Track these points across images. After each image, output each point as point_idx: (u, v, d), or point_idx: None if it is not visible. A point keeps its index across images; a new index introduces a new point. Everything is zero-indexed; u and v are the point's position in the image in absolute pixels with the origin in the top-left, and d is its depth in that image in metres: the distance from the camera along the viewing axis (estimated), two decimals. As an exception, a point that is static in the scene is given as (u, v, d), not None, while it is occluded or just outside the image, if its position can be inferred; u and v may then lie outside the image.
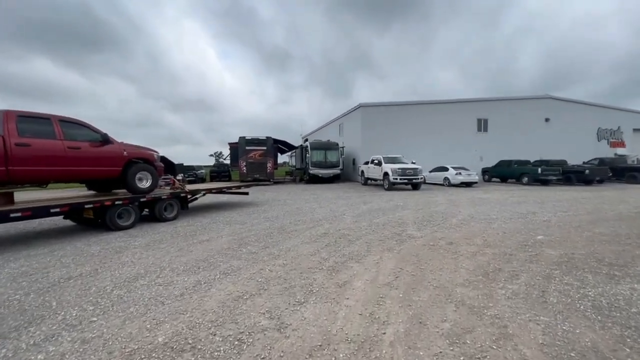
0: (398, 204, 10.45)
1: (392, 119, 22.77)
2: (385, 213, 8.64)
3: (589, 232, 6.10)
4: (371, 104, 22.61)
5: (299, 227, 6.90)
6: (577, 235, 5.84)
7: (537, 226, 6.68)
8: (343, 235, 6.10)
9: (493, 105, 25.12)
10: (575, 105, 27.24)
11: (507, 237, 5.76)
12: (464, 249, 5.02)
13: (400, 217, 8.02)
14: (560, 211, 8.67)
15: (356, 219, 7.76)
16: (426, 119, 23.61)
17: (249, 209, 9.99)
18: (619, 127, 28.38)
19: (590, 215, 8.04)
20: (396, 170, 15.24)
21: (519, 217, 7.83)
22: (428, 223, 7.14)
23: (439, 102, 24.20)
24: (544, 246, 5.10)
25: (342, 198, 12.59)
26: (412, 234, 6.12)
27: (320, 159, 21.54)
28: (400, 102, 23.35)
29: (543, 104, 26.18)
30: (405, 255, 4.69)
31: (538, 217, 7.80)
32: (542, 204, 10.10)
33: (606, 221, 7.16)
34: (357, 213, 8.72)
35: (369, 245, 5.28)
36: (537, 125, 25.89)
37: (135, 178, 7.29)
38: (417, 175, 15.41)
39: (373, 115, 22.42)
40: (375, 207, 9.91)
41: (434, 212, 8.76)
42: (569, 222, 7.06)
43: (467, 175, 17.87)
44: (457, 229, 6.45)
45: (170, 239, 5.94)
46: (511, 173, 20.76)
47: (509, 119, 25.20)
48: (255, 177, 20.41)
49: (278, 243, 5.55)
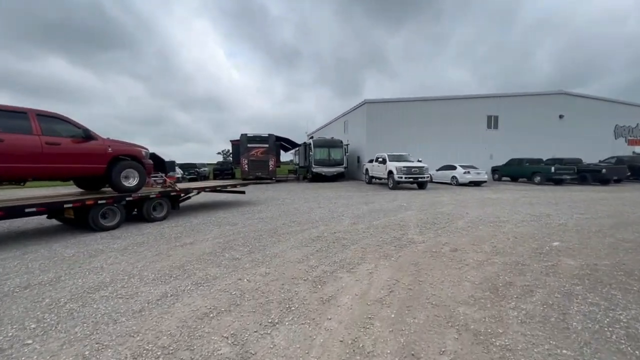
0: (401, 205, 9.90)
1: (399, 115, 22.11)
2: (387, 214, 8.12)
3: (611, 237, 5.49)
4: (377, 100, 21.99)
5: (292, 229, 6.44)
6: (598, 241, 5.24)
7: (553, 230, 6.08)
8: (338, 239, 5.61)
9: (504, 101, 24.22)
10: (591, 101, 26.11)
11: (519, 243, 5.20)
12: (470, 256, 4.48)
13: (403, 218, 7.49)
14: (577, 213, 8.01)
15: (355, 221, 7.26)
16: (434, 116, 22.88)
17: (245, 208, 9.58)
18: (637, 124, 27.15)
19: (610, 218, 7.38)
20: (401, 169, 14.65)
21: (531, 219, 7.22)
22: (432, 226, 6.60)
23: (448, 98, 23.42)
24: (561, 254, 4.53)
25: (343, 197, 12.09)
26: (413, 238, 5.60)
27: (324, 157, 21.04)
28: (406, 98, 22.67)
29: (557, 100, 25.15)
30: (403, 264, 4.19)
31: (553, 220, 7.17)
32: (556, 205, 9.43)
33: (629, 225, 6.51)
34: (356, 214, 8.22)
35: (365, 252, 4.78)
36: (550, 122, 24.90)
37: (121, 176, 6.93)
38: (423, 174, 14.79)
39: (379, 112, 21.80)
40: (376, 207, 9.39)
41: (439, 213, 8.20)
42: (588, 226, 6.44)
43: (475, 174, 17.16)
44: (463, 233, 5.90)
45: (152, 242, 5.54)
46: (522, 172, 19.93)
47: (521, 115, 24.28)
48: (257, 175, 20.05)
49: (265, 247, 5.10)
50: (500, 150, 23.58)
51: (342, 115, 27.42)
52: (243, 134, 20.00)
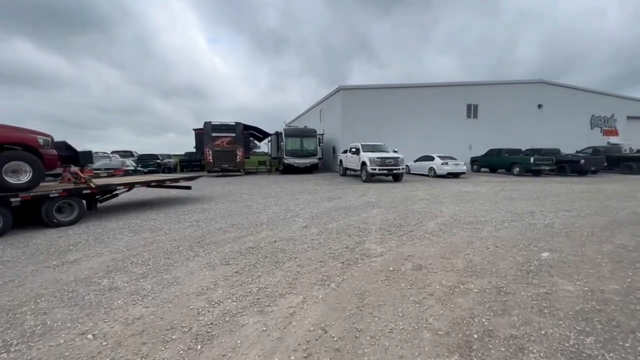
0: (370, 200, 8.75)
1: (375, 103, 20.91)
2: (350, 213, 6.93)
3: (608, 244, 4.50)
4: (352, 86, 20.68)
5: (225, 237, 5.13)
6: (596, 250, 4.23)
7: (539, 235, 5.06)
8: (275, 250, 4.35)
9: (484, 89, 23.47)
10: (569, 90, 25.82)
11: (501, 254, 4.10)
12: (438, 279, 3.33)
13: (366, 219, 6.32)
14: (563, 210, 7.10)
15: (308, 223, 6.02)
16: (412, 104, 21.84)
17: (188, 207, 8.16)
18: (612, 114, 27.18)
19: (599, 216, 6.48)
20: (374, 160, 13.51)
21: (513, 219, 6.22)
22: (397, 229, 5.45)
23: (427, 86, 22.41)
24: (554, 273, 3.45)
25: (309, 192, 10.83)
26: (370, 248, 4.42)
27: (296, 147, 19.65)
28: (383, 84, 21.48)
29: (536, 89, 24.66)
30: (343, 296, 2.98)
31: (537, 219, 6.19)
32: (539, 200, 8.54)
33: (623, 226, 5.60)
34: (314, 213, 6.98)
35: (299, 273, 3.55)
36: (529, 112, 24.44)
37: (4, 170, 5.36)
38: (398, 166, 13.73)
39: (354, 99, 20.51)
40: (341, 204, 8.19)
41: (410, 211, 7.09)
42: (578, 228, 5.47)
43: (454, 166, 16.30)
44: (433, 240, 4.77)
45: (21, 259, 4.10)
46: (501, 163, 19.31)
47: (500, 105, 23.64)
48: (223, 167, 18.48)
49: (171, 267, 3.77)
50: (479, 140, 22.93)
51: (317, 103, 25.97)
52: (207, 122, 18.25)
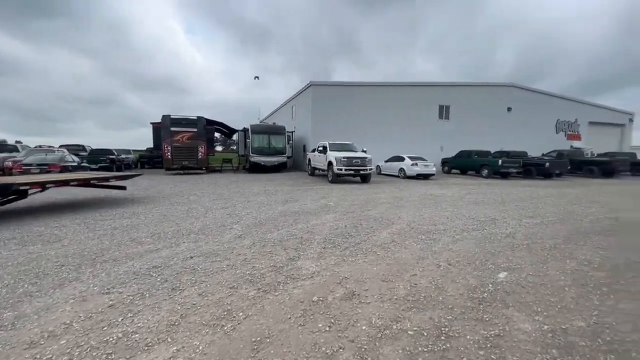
0: (328, 204, 8.03)
1: (347, 101, 20.30)
2: (299, 220, 6.16)
3: (572, 260, 3.99)
4: (323, 82, 19.95)
5: (133, 251, 4.19)
6: (558, 268, 3.69)
7: (499, 247, 4.50)
8: (183, 271, 3.49)
9: (456, 91, 23.49)
10: (538, 95, 26.44)
11: (452, 275, 3.46)
12: (368, 314, 2.61)
13: (314, 227, 5.56)
14: (526, 217, 6.69)
15: (245, 232, 5.19)
16: (385, 103, 21.43)
17: (117, 210, 7.07)
18: (576, 119, 28.16)
19: (562, 223, 6.10)
20: (341, 160, 12.84)
21: (474, 227, 5.68)
22: (344, 241, 4.73)
23: (399, 85, 22.07)
24: (510, 302, 2.83)
25: (267, 193, 9.98)
26: (301, 267, 3.65)
27: (263, 144, 18.65)
28: (355, 82, 20.91)
29: (506, 92, 25.03)
30: (233, 344, 2.19)
31: (499, 227, 5.69)
32: (503, 205, 8.16)
33: (587, 236, 5.18)
34: (259, 219, 6.15)
35: (194, 306, 2.72)
36: (499, 115, 24.77)
37: None
38: (365, 166, 13.13)
39: (326, 96, 19.78)
40: (294, 208, 7.41)
41: (366, 218, 6.42)
42: (540, 238, 4.99)
43: (424, 167, 15.96)
44: (380, 256, 4.08)
45: None
46: (471, 164, 19.28)
47: (472, 106, 23.76)
48: (183, 165, 17.19)
49: (21, 301, 2.83)
50: (451, 142, 22.91)
51: (290, 99, 25.05)
52: (165, 115, 16.87)
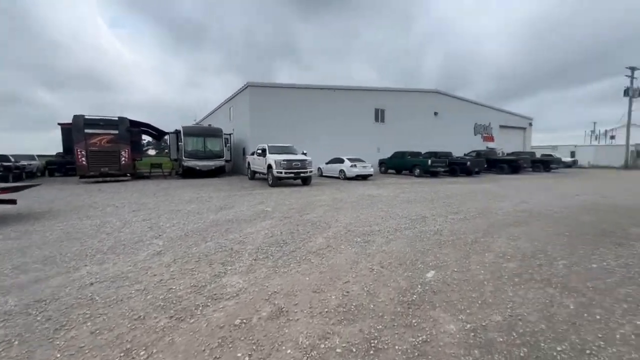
0: (265, 210, 7.68)
1: (287, 103, 20.06)
2: (232, 229, 5.71)
3: (490, 252, 4.31)
4: (261, 83, 19.38)
5: (13, 282, 3.35)
6: (479, 262, 3.93)
7: (428, 245, 4.68)
8: (76, 304, 2.87)
9: (389, 95, 24.89)
10: (458, 101, 29.43)
11: (384, 278, 3.44)
12: (295, 333, 2.39)
13: (247, 236, 5.18)
14: (452, 212, 7.19)
15: (166, 247, 4.59)
16: (324, 106, 21.71)
17: (9, 228, 5.76)
18: (489, 123, 32.02)
19: (481, 217, 6.67)
20: (280, 163, 12.54)
21: (406, 226, 5.88)
22: (278, 250, 4.46)
23: (338, 88, 22.57)
24: (437, 303, 2.87)
25: (200, 200, 9.21)
26: (227, 284, 3.29)
27: (198, 147, 17.41)
28: (294, 84, 20.78)
29: (432, 98, 27.33)
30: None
31: (428, 225, 5.98)
32: (432, 203, 8.71)
33: (501, 228, 5.71)
34: (186, 231, 5.55)
35: (72, 357, 2.19)
36: (427, 118, 26.91)
37: None
38: (306, 169, 13.03)
39: (264, 98, 19.26)
40: (228, 216, 6.90)
41: (304, 222, 6.24)
42: (464, 233, 5.34)
43: (362, 168, 16.48)
44: (314, 264, 3.91)
45: None
46: (405, 165, 20.53)
47: (404, 110, 25.42)
48: (102, 171, 15.13)
49: None
50: (387, 143, 24.16)
51: (227, 100, 23.88)
52: (78, 116, 14.60)
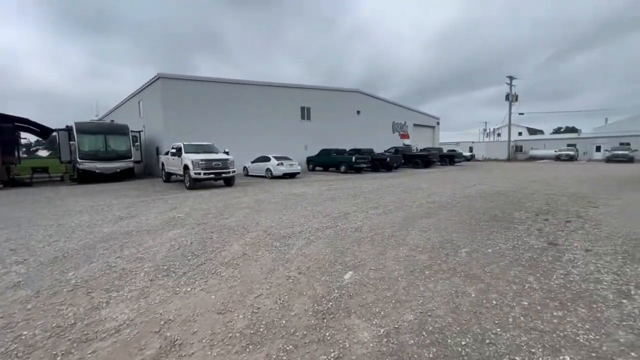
0: (177, 216, 6.81)
1: (207, 98, 18.60)
2: (128, 243, 4.83)
3: (404, 246, 4.44)
4: (175, 75, 17.54)
5: None
6: (394, 257, 3.98)
7: (347, 243, 4.62)
8: None
9: (315, 93, 25.17)
10: (378, 101, 31.42)
11: (300, 287, 3.20)
12: (187, 374, 1.95)
13: (146, 251, 4.42)
14: (372, 208, 7.41)
15: (28, 278, 3.58)
16: (250, 102, 20.81)
17: None
18: (405, 121, 35.03)
19: (398, 210, 7.01)
20: (198, 163, 11.46)
21: (328, 225, 5.79)
22: (183, 264, 3.87)
23: (262, 85, 21.88)
24: (352, 308, 2.73)
25: (96, 210, 7.75)
26: (107, 317, 2.64)
27: (98, 147, 14.90)
28: (215, 78, 19.40)
29: (354, 97, 28.60)
30: None
31: (350, 221, 6.01)
32: (355, 199, 8.91)
33: (414, 221, 6.04)
34: (64, 252, 4.48)
35: None
36: (351, 116, 28.05)
37: None
38: (228, 168, 12.19)
39: (179, 91, 17.48)
40: (128, 227, 5.88)
41: (220, 228, 5.66)
42: (382, 228, 5.48)
43: (289, 166, 16.24)
44: (224, 277, 3.46)
45: None
46: (331, 162, 21.00)
47: (329, 108, 26.01)
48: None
49: None
50: (314, 141, 24.42)
51: (135, 93, 21.03)
52: None
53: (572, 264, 3.64)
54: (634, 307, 2.64)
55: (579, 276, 3.31)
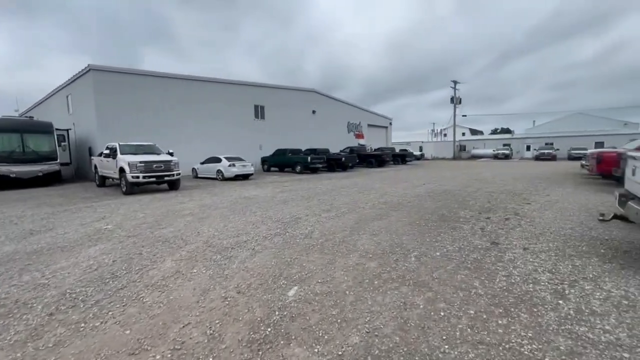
0: (103, 228, 5.96)
1: (148, 94, 17.07)
2: (31, 266, 4.02)
3: (354, 253, 4.25)
4: (109, 67, 15.78)
5: None
6: (343, 266, 3.77)
7: (296, 252, 4.32)
8: None
9: (269, 92, 24.54)
10: (333, 101, 31.63)
11: (237, 311, 2.81)
12: None
13: (53, 275, 3.69)
14: (325, 210, 7.21)
15: None
16: (198, 100, 19.56)
17: None
18: (360, 122, 35.77)
19: (351, 213, 6.89)
20: (136, 165, 10.35)
21: (277, 232, 5.44)
22: (98, 290, 3.25)
23: (213, 81, 20.73)
24: (292, 335, 2.43)
25: (2, 224, 6.52)
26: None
27: (12, 147, 12.83)
28: (160, 72, 17.85)
29: (310, 97, 28.45)
30: None
31: (301, 227, 5.71)
32: (308, 201, 8.65)
33: (366, 223, 5.94)
34: (-60, 281, 3.55)
35: None
36: (306, 116, 27.87)
37: None
38: (171, 171, 11.20)
39: (115, 86, 15.79)
40: (39, 244, 4.96)
41: (153, 241, 5.01)
42: (333, 233, 5.27)
43: (241, 167, 15.51)
44: (146, 304, 2.95)
45: None
46: (287, 162, 20.58)
47: (284, 107, 25.54)
48: None
49: None
50: (269, 140, 23.79)
51: (63, 86, 18.59)
52: None
53: (512, 264, 3.73)
54: (570, 309, 2.70)
55: (519, 277, 3.37)
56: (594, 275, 3.36)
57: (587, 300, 2.83)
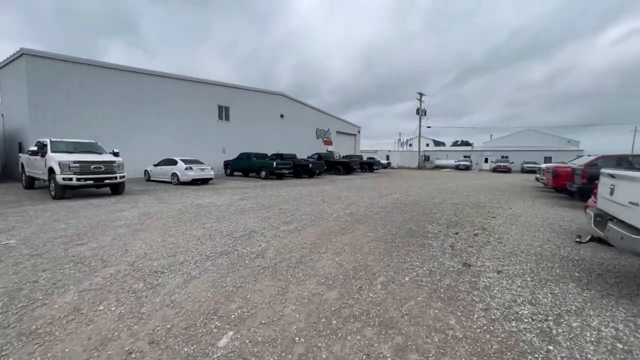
0: (6, 243, 4.77)
1: (96, 87, 15.34)
2: None
3: (311, 278, 3.59)
4: (47, 54, 13.88)
5: None
6: (295, 299, 3.09)
7: (241, 278, 3.56)
8: None
9: (234, 93, 23.41)
10: (302, 106, 31.09)
11: (141, 373, 2.03)
12: None
13: None
14: (284, 222, 6.50)
15: None
16: (155, 97, 18.02)
17: None
18: (328, 128, 35.53)
19: (313, 226, 6.25)
20: (69, 165, 8.94)
21: (224, 250, 4.64)
22: (-59, 344, 2.28)
23: (173, 77, 19.24)
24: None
25: None
26: None
27: None
28: (108, 63, 16.14)
29: (278, 100, 27.67)
30: None
31: (253, 244, 4.96)
32: (268, 210, 7.89)
33: (328, 239, 5.32)
34: None
35: None
36: (274, 120, 27.01)
37: None
38: (114, 173, 9.86)
39: (52, 75, 13.92)
40: None
41: (60, 263, 3.99)
42: (290, 251, 4.58)
43: (200, 171, 14.34)
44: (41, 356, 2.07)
45: None
46: (251, 166, 19.54)
47: (251, 110, 24.52)
48: None
49: None
50: (234, 143, 22.63)
51: (-10, 71, 16.20)
52: None
53: (489, 293, 3.28)
54: (563, 358, 2.24)
55: (498, 311, 2.90)
56: (577, 308, 2.99)
57: (579, 345, 2.40)
